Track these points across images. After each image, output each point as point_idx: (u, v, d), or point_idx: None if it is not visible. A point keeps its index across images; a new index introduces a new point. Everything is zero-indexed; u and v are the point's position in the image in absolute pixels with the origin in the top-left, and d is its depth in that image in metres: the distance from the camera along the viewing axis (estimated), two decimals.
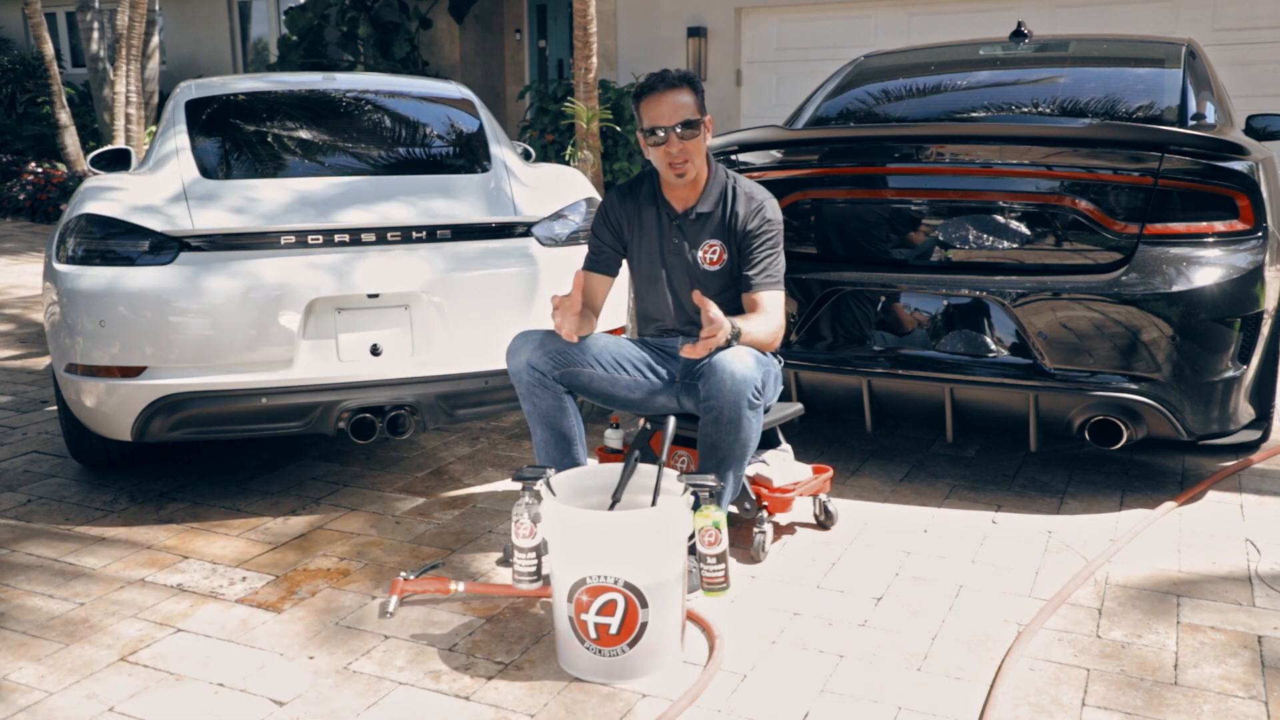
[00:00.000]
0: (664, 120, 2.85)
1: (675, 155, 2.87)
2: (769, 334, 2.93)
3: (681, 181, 2.93)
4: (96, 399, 3.28)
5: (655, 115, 2.86)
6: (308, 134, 3.98)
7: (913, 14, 9.92)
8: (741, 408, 2.71)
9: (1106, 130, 3.52)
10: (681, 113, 2.85)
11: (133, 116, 10.61)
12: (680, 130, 2.85)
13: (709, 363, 2.73)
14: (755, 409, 2.75)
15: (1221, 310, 3.20)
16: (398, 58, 12.19)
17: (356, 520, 3.38)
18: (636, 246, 3.09)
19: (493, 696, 2.37)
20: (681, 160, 2.88)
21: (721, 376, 2.70)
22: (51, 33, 14.74)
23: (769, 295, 2.96)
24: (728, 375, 2.69)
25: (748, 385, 2.70)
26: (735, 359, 2.71)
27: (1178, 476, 3.65)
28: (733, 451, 2.79)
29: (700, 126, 2.88)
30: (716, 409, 2.73)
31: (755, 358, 2.76)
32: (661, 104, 2.85)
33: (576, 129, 7.90)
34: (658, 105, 2.86)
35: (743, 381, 2.69)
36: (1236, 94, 5.24)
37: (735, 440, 2.77)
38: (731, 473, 2.82)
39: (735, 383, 2.69)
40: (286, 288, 3.25)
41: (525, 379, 2.87)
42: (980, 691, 2.36)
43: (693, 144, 2.87)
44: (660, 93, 2.86)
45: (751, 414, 2.75)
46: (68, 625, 2.71)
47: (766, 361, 2.86)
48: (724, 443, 2.77)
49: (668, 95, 2.85)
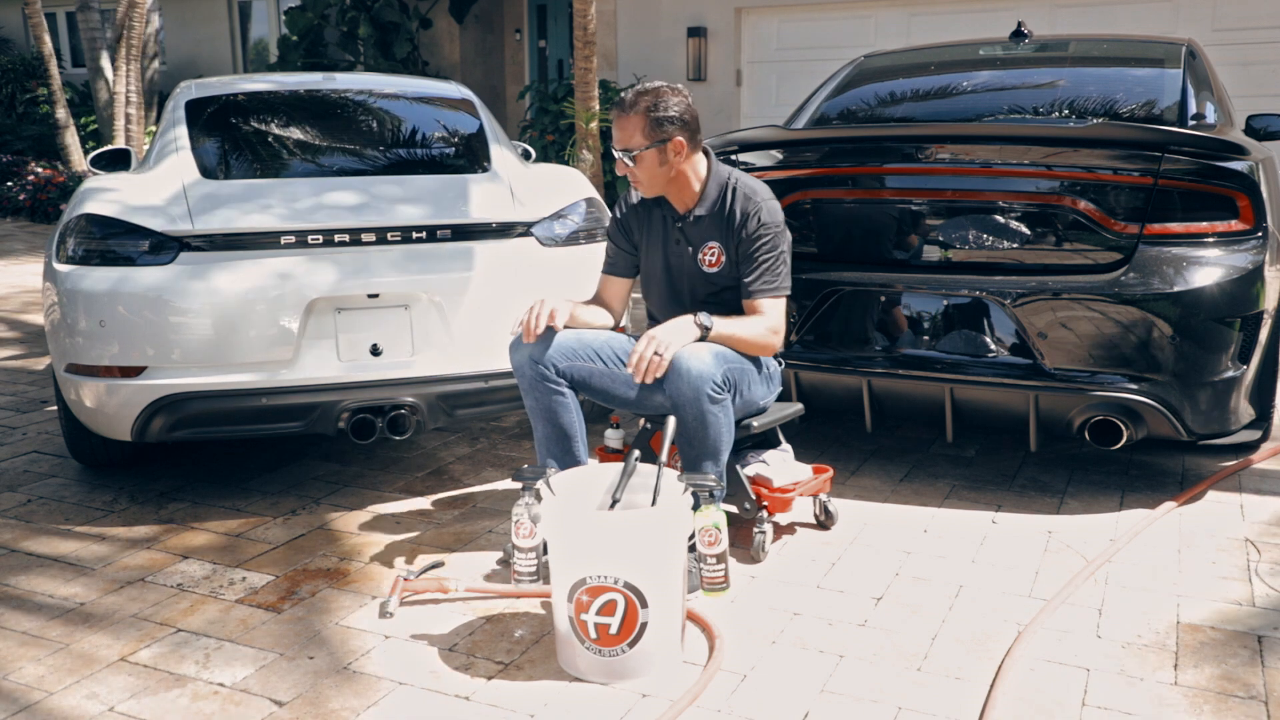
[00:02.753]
0: (616, 143, 2.94)
1: (629, 174, 2.95)
2: (753, 335, 2.92)
3: (646, 194, 3.00)
4: (96, 399, 3.28)
5: (615, 135, 2.95)
6: (308, 134, 3.98)
7: (913, 14, 9.92)
8: (702, 403, 2.72)
9: (1106, 130, 3.52)
10: (627, 140, 2.91)
11: (133, 116, 10.61)
12: (623, 154, 2.92)
13: (671, 363, 2.75)
14: (718, 403, 2.76)
15: (1221, 310, 3.20)
16: (398, 58, 12.19)
17: (356, 520, 3.38)
18: (644, 246, 3.12)
19: (493, 696, 2.37)
20: (634, 180, 2.97)
21: (679, 374, 2.73)
22: (51, 33, 14.72)
23: (765, 302, 2.96)
24: (684, 372, 2.72)
25: (704, 381, 2.71)
26: (692, 356, 2.73)
27: (1178, 476, 3.65)
28: (705, 447, 2.79)
29: (642, 156, 2.90)
30: (680, 407, 2.75)
31: (714, 354, 2.77)
32: (617, 126, 2.93)
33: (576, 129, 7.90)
34: (616, 127, 2.94)
35: (699, 378, 2.71)
36: (1236, 94, 5.24)
37: (705, 436, 2.77)
38: (710, 466, 2.82)
39: (692, 379, 2.71)
40: (287, 288, 3.25)
41: (528, 373, 2.88)
42: (980, 691, 2.36)
43: (639, 168, 2.92)
44: (618, 115, 2.93)
45: (715, 408, 2.75)
46: (68, 625, 2.71)
47: (731, 358, 2.84)
48: (695, 439, 2.78)
49: (620, 120, 2.92)
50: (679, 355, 2.74)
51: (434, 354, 3.41)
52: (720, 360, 2.77)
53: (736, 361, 2.86)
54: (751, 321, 2.93)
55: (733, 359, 2.84)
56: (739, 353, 2.89)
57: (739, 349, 2.89)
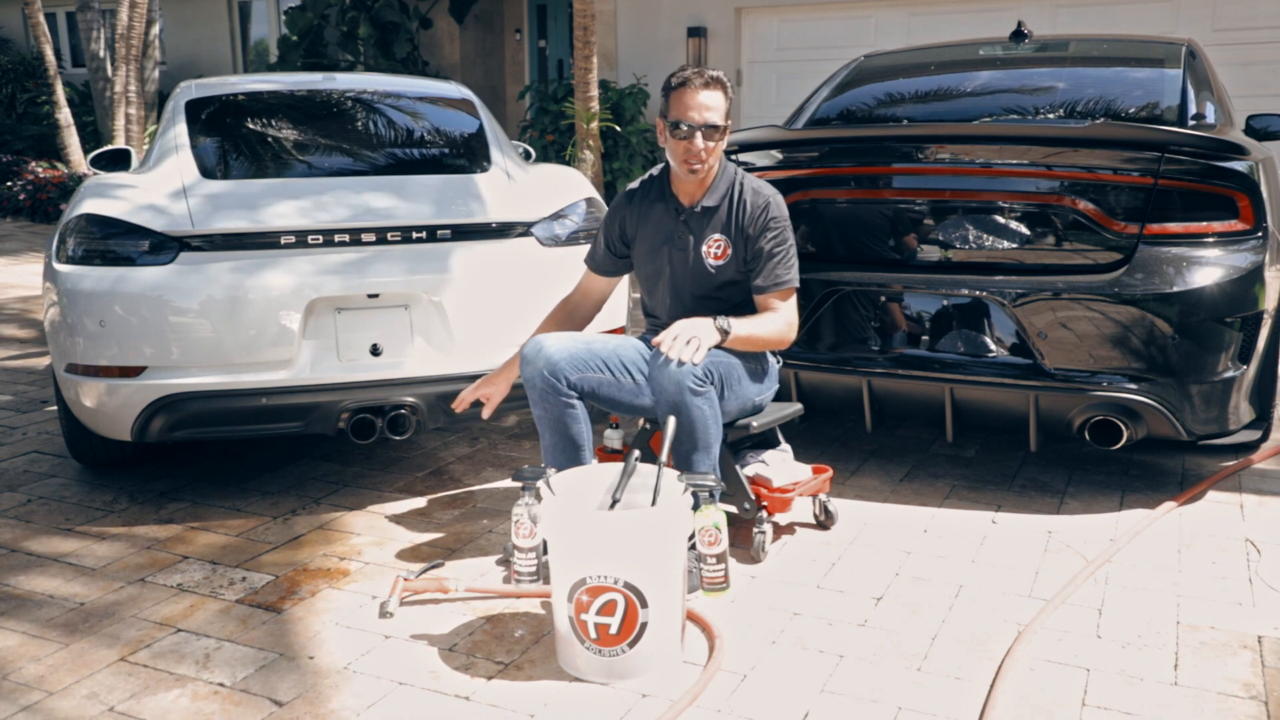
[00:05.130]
0: (692, 117, 2.86)
1: (694, 153, 2.88)
2: (772, 332, 2.94)
3: (693, 178, 2.95)
4: (96, 399, 3.28)
5: (684, 109, 2.86)
6: (308, 134, 3.98)
7: (913, 14, 9.92)
8: (685, 396, 2.72)
9: (1106, 130, 3.52)
10: (710, 114, 2.86)
11: (133, 116, 10.61)
12: (704, 130, 2.86)
13: (650, 359, 2.77)
14: (701, 395, 2.75)
15: (1221, 310, 3.20)
16: (398, 58, 12.19)
17: (356, 520, 3.38)
18: (640, 244, 3.10)
19: (493, 696, 2.37)
20: (698, 159, 2.89)
21: (659, 370, 2.73)
22: (51, 33, 14.73)
23: (778, 296, 2.97)
24: (663, 367, 2.72)
25: (684, 375, 2.71)
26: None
27: (1178, 476, 3.65)
28: (694, 441, 2.79)
29: (724, 132, 2.90)
30: (664, 403, 2.75)
31: None
32: (693, 99, 2.86)
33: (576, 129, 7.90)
34: (689, 99, 2.86)
35: (678, 372, 2.71)
36: (1236, 94, 5.24)
37: (692, 430, 2.77)
38: (702, 460, 2.81)
39: (671, 374, 2.71)
40: (286, 288, 3.25)
41: (539, 386, 2.87)
42: (980, 691, 2.36)
43: (713, 145, 2.89)
44: (694, 87, 2.86)
45: (698, 400, 2.74)
46: (68, 625, 2.71)
47: (713, 352, 2.83)
48: (683, 433, 2.78)
49: (701, 93, 2.86)
50: (659, 352, 2.75)
51: (434, 354, 3.40)
52: None
53: (719, 355, 2.86)
54: (767, 319, 2.94)
55: (715, 353, 2.84)
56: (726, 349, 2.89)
57: (758, 348, 2.90)
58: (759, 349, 2.97)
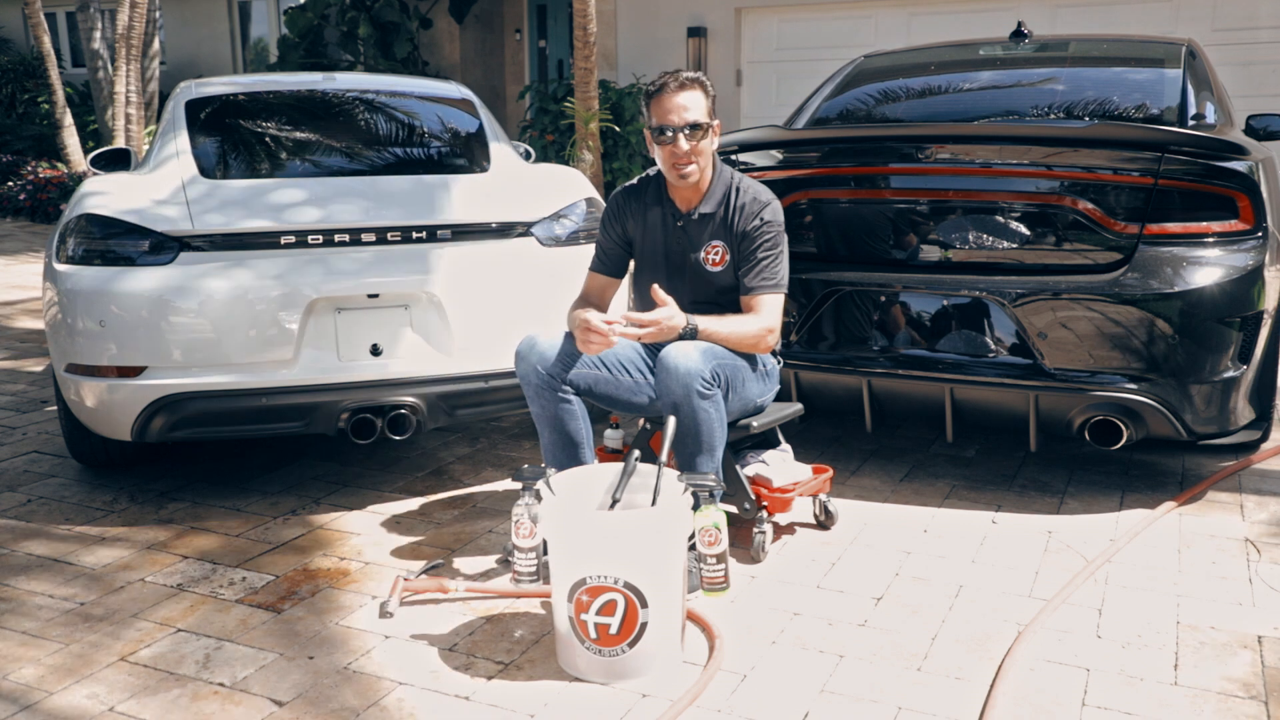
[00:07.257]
0: (672, 120, 2.86)
1: (680, 156, 2.88)
2: (746, 334, 2.91)
3: (684, 183, 2.93)
4: (97, 399, 3.28)
5: (664, 113, 2.87)
6: (308, 134, 3.98)
7: (913, 14, 9.92)
8: (692, 399, 2.72)
9: (1106, 130, 3.52)
10: (690, 114, 2.86)
11: (133, 116, 10.61)
12: (687, 131, 2.86)
13: (658, 360, 2.76)
14: (708, 398, 2.75)
15: (1221, 310, 3.20)
16: (398, 58, 12.19)
17: (356, 520, 3.38)
18: (640, 246, 3.09)
19: (493, 696, 2.37)
20: (685, 161, 2.89)
21: (667, 371, 2.73)
22: (51, 32, 14.74)
23: (762, 299, 2.95)
24: (672, 369, 2.72)
25: (693, 378, 2.71)
26: (679, 353, 2.73)
27: (1178, 476, 3.65)
28: (699, 444, 2.79)
29: (707, 130, 2.89)
30: (670, 405, 2.75)
31: (701, 350, 2.77)
32: (671, 103, 2.86)
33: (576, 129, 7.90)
34: (667, 103, 2.86)
35: (686, 374, 2.71)
36: (1236, 94, 5.24)
37: (697, 433, 2.77)
38: (706, 462, 2.81)
39: (680, 376, 2.71)
40: (286, 288, 3.25)
41: (534, 382, 2.87)
42: (980, 691, 2.36)
43: (698, 146, 2.88)
44: (671, 91, 2.87)
45: (705, 403, 2.74)
46: (68, 625, 2.71)
47: (720, 354, 2.83)
48: (689, 436, 2.78)
49: (678, 95, 2.86)
50: (667, 352, 2.74)
51: (434, 354, 3.40)
52: (709, 356, 2.77)
53: (726, 358, 2.86)
54: (742, 321, 2.92)
55: (722, 355, 2.84)
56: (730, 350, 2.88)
57: (729, 348, 2.89)
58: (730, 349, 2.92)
